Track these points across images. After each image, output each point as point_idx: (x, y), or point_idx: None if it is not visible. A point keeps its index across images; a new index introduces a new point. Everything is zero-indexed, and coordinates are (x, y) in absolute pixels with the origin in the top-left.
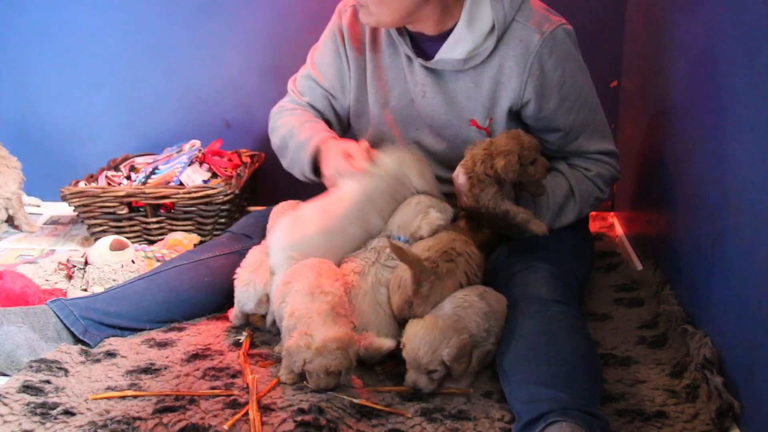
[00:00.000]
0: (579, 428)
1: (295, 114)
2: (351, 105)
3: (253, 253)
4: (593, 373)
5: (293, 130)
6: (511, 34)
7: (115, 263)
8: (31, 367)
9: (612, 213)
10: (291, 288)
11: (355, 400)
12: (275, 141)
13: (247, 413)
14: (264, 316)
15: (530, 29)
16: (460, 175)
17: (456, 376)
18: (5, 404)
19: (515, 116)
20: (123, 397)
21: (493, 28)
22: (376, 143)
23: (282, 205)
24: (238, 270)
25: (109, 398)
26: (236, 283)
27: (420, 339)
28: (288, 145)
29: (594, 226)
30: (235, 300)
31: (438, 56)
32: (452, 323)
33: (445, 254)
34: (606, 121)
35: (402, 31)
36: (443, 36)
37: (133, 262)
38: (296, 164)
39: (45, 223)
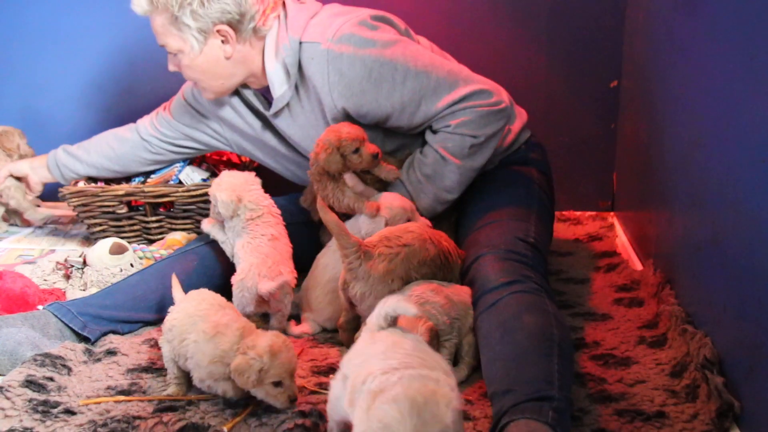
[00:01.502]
0: (527, 421)
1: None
2: (252, 150)
3: (245, 259)
4: (549, 347)
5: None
6: (304, 56)
7: (113, 266)
8: (35, 360)
9: (612, 213)
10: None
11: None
12: None
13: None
14: (263, 316)
15: (315, 44)
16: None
17: None
18: (7, 398)
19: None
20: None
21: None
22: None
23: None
24: (232, 279)
25: (99, 403)
26: (233, 290)
27: None
28: None
29: (594, 226)
30: (234, 305)
31: (274, 100)
32: (413, 317)
33: (386, 239)
34: (450, 70)
35: (257, 95)
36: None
37: (131, 265)
38: None
39: (45, 223)
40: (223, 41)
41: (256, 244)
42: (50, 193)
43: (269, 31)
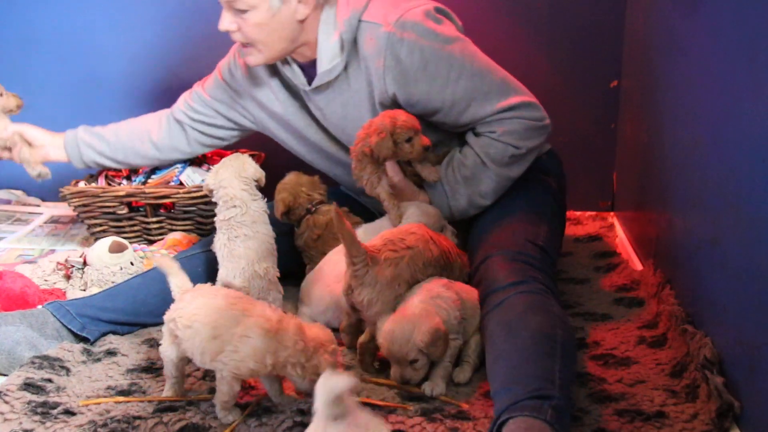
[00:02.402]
0: (524, 419)
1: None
2: (278, 132)
3: (223, 264)
4: (552, 347)
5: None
6: (361, 35)
7: (113, 265)
8: (33, 363)
9: (612, 213)
10: None
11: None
12: None
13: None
14: None
15: (376, 25)
16: (353, 161)
17: (435, 359)
18: (6, 402)
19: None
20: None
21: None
22: (321, 166)
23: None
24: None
25: (99, 403)
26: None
27: (391, 333)
28: None
29: (594, 226)
30: None
31: (318, 74)
32: (420, 312)
33: (390, 243)
34: (504, 78)
35: (292, 66)
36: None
37: (132, 264)
38: None
39: (45, 223)
40: (299, 1)
41: (231, 248)
42: (50, 193)
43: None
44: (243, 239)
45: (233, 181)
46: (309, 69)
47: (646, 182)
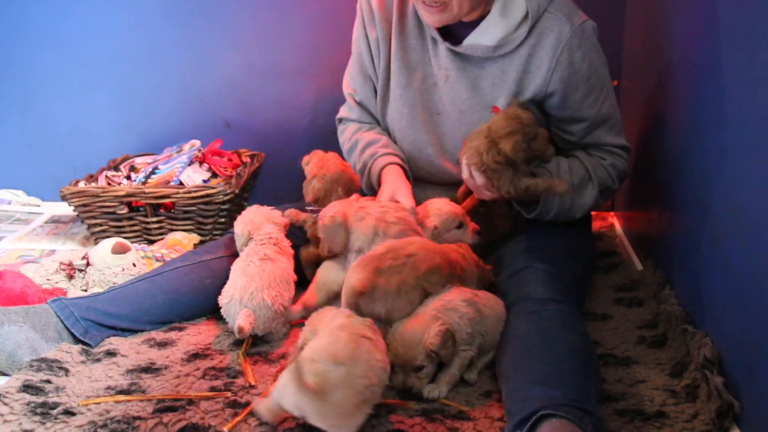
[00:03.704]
0: (569, 423)
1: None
2: (378, 86)
3: (231, 280)
4: (588, 368)
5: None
6: (543, 24)
7: (116, 266)
8: (31, 366)
9: (612, 213)
10: None
11: None
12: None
13: (247, 415)
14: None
15: (562, 20)
16: (476, 176)
17: (446, 362)
18: (5, 404)
19: (537, 105)
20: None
21: (526, 16)
22: (394, 126)
23: (252, 209)
24: (219, 299)
25: (98, 403)
26: (219, 299)
27: (401, 335)
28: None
29: (594, 226)
30: (223, 314)
31: (467, 41)
32: (430, 318)
33: (392, 251)
34: (620, 118)
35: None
36: (474, 22)
37: (134, 265)
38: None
39: (45, 223)
40: None
41: (245, 264)
42: (50, 193)
43: None
44: (262, 258)
45: (268, 225)
46: (457, 27)
47: (646, 182)
